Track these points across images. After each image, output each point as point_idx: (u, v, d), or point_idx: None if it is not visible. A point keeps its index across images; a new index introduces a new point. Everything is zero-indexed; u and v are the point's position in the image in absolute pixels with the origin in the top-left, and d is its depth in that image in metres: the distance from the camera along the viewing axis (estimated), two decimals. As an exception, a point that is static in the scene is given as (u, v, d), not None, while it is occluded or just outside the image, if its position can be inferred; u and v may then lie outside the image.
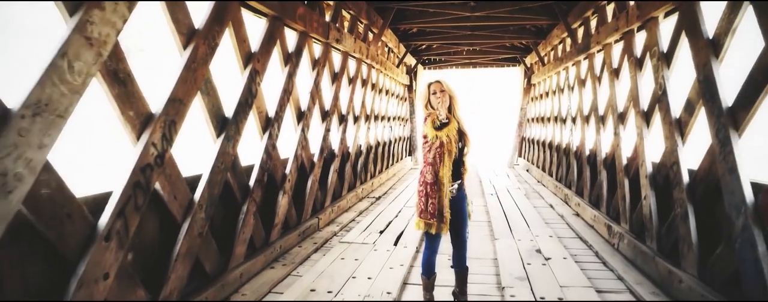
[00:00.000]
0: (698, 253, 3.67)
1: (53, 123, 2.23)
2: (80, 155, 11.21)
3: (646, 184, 4.79)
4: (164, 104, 3.04)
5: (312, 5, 5.62)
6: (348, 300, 3.68)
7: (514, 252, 5.02)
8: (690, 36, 3.96)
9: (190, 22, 3.36)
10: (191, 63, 3.29)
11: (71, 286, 2.44)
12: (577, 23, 8.15)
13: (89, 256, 2.51)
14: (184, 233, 3.36)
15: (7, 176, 2.02)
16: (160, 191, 3.14)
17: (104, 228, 2.60)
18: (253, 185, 4.41)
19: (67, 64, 2.29)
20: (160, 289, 3.15)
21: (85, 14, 2.38)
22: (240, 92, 4.09)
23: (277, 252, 4.84)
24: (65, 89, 2.28)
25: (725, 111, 3.39)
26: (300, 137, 5.61)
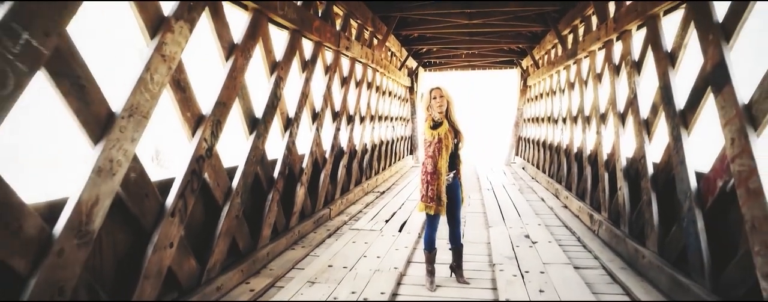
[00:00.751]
0: (659, 233, 4.33)
1: (140, 122, 2.89)
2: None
3: (621, 177, 5.45)
4: (213, 106, 3.70)
5: (324, 17, 6.28)
6: (361, 272, 4.33)
7: (505, 237, 5.68)
8: (653, 48, 4.62)
9: (230, 37, 4.02)
10: (232, 72, 3.95)
11: (148, 250, 3.10)
12: (566, 30, 8.81)
13: (160, 228, 3.17)
14: (224, 215, 4.02)
15: (113, 162, 2.68)
16: (207, 178, 3.79)
17: (170, 206, 3.26)
18: (276, 176, 5.07)
19: (150, 76, 2.95)
20: (207, 261, 3.80)
21: (162, 37, 3.04)
22: (267, 96, 4.75)
23: (296, 236, 5.50)
24: (148, 95, 2.94)
25: (678, 113, 4.05)
26: (314, 135, 6.27)
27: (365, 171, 9.49)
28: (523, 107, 15.91)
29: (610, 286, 4.13)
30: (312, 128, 6.26)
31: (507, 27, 10.31)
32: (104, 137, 2.65)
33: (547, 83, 11.47)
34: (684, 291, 3.50)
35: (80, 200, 2.49)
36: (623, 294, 3.95)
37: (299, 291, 3.90)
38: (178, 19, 3.20)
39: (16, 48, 2.06)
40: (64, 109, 2.47)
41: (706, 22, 3.59)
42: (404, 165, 14.60)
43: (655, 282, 3.99)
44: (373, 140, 10.18)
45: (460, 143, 3.98)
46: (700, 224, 3.56)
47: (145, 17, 2.99)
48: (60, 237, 2.38)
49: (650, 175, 4.63)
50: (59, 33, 2.29)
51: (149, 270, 3.07)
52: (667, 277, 3.81)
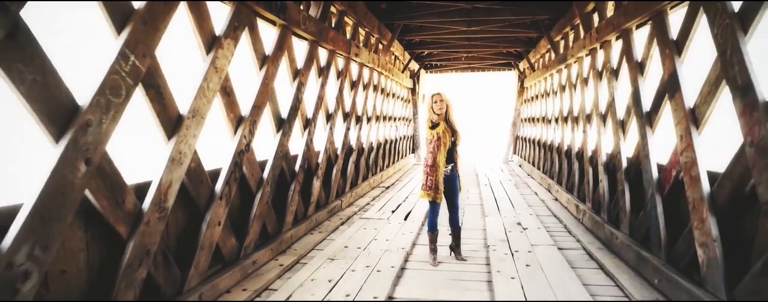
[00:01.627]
0: (630, 218, 5.02)
1: (200, 122, 3.58)
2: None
3: (602, 171, 6.14)
4: (250, 109, 4.40)
5: (337, 27, 6.97)
6: (373, 251, 5.02)
7: (499, 225, 6.37)
8: (627, 58, 5.31)
9: (263, 50, 4.72)
10: (265, 79, 4.65)
11: (203, 227, 3.79)
12: (558, 37, 9.49)
13: (212, 209, 3.86)
14: (257, 201, 4.71)
15: (181, 154, 3.38)
16: (244, 170, 4.48)
17: (219, 191, 3.96)
18: (297, 170, 5.76)
19: (207, 85, 3.65)
20: (244, 239, 4.49)
21: (215, 52, 3.74)
22: (291, 100, 5.44)
23: (313, 223, 6.20)
24: (205, 100, 3.64)
25: (644, 114, 4.74)
26: (328, 134, 6.96)
27: (371, 168, 10.18)
28: (520, 107, 16.59)
29: (587, 262, 4.82)
30: (326, 128, 6.95)
31: (504, 33, 11.00)
32: (175, 134, 3.35)
33: (541, 85, 12.15)
34: (645, 263, 4.19)
35: (160, 183, 3.19)
36: (598, 268, 4.63)
37: (321, 265, 4.59)
38: (226, 37, 3.90)
39: (127, 67, 2.76)
40: (149, 112, 3.16)
41: (664, 39, 4.28)
42: (406, 163, 15.29)
43: (624, 259, 4.69)
44: (378, 139, 10.87)
45: (457, 141, 4.67)
46: (659, 208, 4.25)
47: (202, 37, 3.68)
48: (148, 211, 3.08)
49: (624, 168, 5.32)
50: (151, 55, 2.99)
51: (204, 243, 3.76)
52: (634, 253, 4.50)
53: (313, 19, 5.74)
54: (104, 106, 2.63)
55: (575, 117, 8.14)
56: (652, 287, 3.94)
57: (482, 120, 34.45)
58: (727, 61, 3.20)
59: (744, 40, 3.09)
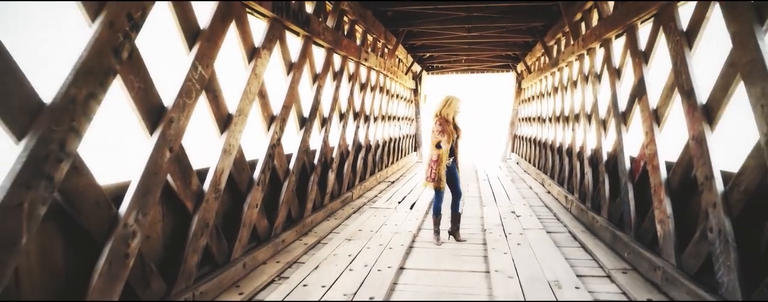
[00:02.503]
0: (609, 204, 5.74)
1: (244, 120, 4.31)
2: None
3: (587, 164, 6.87)
4: (280, 109, 5.13)
5: (349, 35, 7.70)
6: (384, 234, 5.75)
7: (495, 213, 7.10)
8: (607, 64, 6.04)
9: (290, 58, 5.44)
10: (292, 84, 5.38)
11: (244, 208, 4.51)
12: (551, 42, 10.22)
13: (251, 193, 4.59)
14: (284, 189, 5.44)
15: (230, 146, 4.10)
16: (274, 161, 5.21)
17: (256, 178, 4.68)
18: (316, 163, 6.50)
19: (249, 89, 4.38)
20: (274, 221, 5.21)
21: (255, 62, 4.46)
22: (311, 101, 6.17)
23: (328, 211, 6.93)
24: (247, 101, 4.36)
25: (620, 114, 5.47)
26: (341, 132, 7.69)
27: (377, 164, 10.91)
28: (518, 107, 17.32)
29: (571, 242, 5.55)
30: (339, 126, 7.68)
31: (502, 38, 11.73)
32: (226, 130, 4.08)
33: (537, 87, 12.87)
34: (618, 241, 4.92)
35: (216, 169, 3.92)
36: (579, 247, 5.36)
37: (340, 244, 5.32)
38: (263, 48, 4.62)
39: (196, 76, 3.49)
40: (208, 111, 3.89)
41: (635, 49, 5.01)
42: (409, 161, 16.02)
43: (602, 238, 5.41)
44: (384, 137, 11.61)
45: (459, 138, 5.40)
46: (630, 194, 4.98)
47: (245, 49, 4.41)
48: (207, 191, 3.80)
49: (604, 161, 6.05)
50: (211, 66, 3.72)
51: (245, 221, 4.49)
52: (610, 233, 5.23)
53: (330, 29, 6.47)
54: (181, 106, 3.36)
55: (566, 117, 8.87)
56: (622, 259, 4.67)
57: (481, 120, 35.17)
58: (677, 71, 3.93)
59: (690, 54, 3.82)
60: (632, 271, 4.32)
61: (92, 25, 2.60)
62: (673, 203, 4.04)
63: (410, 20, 10.12)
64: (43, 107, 2.31)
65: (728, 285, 3.06)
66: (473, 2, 8.75)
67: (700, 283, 3.41)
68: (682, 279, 3.54)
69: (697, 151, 3.58)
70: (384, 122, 11.48)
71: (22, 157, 2.20)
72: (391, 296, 3.85)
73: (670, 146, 4.46)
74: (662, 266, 3.87)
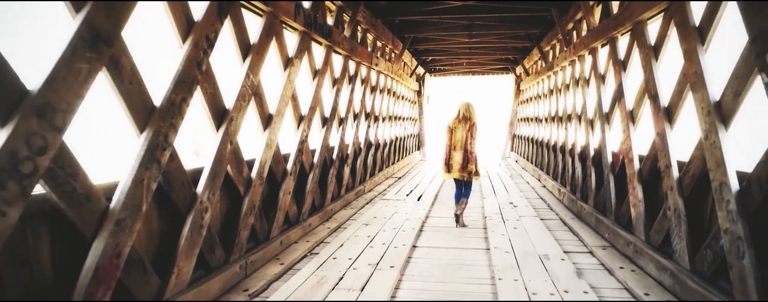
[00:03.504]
0: (594, 194, 6.51)
1: (281, 119, 5.08)
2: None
3: (577, 160, 7.63)
4: (307, 110, 5.90)
5: (362, 43, 8.47)
6: (397, 220, 6.52)
7: (495, 203, 7.87)
8: (594, 70, 6.81)
9: (315, 65, 6.21)
10: (317, 88, 6.15)
11: (280, 194, 5.28)
12: (547, 47, 10.99)
13: (285, 182, 5.36)
14: (310, 179, 6.21)
15: (271, 141, 4.87)
16: (302, 156, 5.98)
17: (289, 169, 5.46)
18: (334, 158, 7.27)
19: (284, 93, 5.15)
20: (301, 208, 5.98)
21: (290, 70, 5.24)
22: (331, 103, 6.94)
23: (345, 201, 7.70)
24: (283, 104, 5.13)
25: (604, 115, 6.23)
26: (354, 131, 8.47)
27: (385, 161, 11.69)
28: (517, 108, 18.09)
29: (561, 227, 6.31)
30: (353, 126, 8.45)
31: (501, 43, 12.51)
32: (268, 127, 4.85)
33: (535, 89, 13.64)
34: (600, 224, 5.69)
35: (261, 160, 4.69)
36: (568, 230, 6.12)
37: (359, 228, 6.09)
38: (296, 57, 5.40)
39: (248, 82, 4.26)
40: (253, 112, 4.65)
41: (615, 58, 5.78)
42: (413, 159, 16.79)
43: (588, 223, 6.18)
44: (392, 136, 12.38)
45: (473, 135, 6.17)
46: (611, 183, 5.74)
47: (282, 58, 5.18)
48: (254, 178, 4.57)
49: (591, 157, 6.82)
50: (258, 74, 4.49)
51: (281, 206, 5.26)
52: (594, 218, 6.00)
53: (347, 38, 7.25)
54: (238, 107, 4.13)
55: (560, 117, 9.64)
56: (603, 239, 5.44)
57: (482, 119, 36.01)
58: (646, 78, 4.70)
59: (656, 64, 4.59)
60: (610, 248, 5.09)
61: (183, 46, 3.37)
62: (644, 190, 4.81)
63: (416, 27, 10.89)
64: (154, 109, 3.08)
65: (679, 251, 3.83)
66: (475, 13, 9.51)
67: (662, 253, 4.18)
68: (648, 250, 4.31)
69: (660, 145, 4.35)
70: (391, 122, 12.25)
71: (143, 146, 2.97)
72: (407, 265, 4.62)
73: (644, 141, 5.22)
74: (634, 241, 4.64)
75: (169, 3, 3.25)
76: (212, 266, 3.91)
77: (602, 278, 4.22)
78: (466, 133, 6.12)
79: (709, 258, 3.45)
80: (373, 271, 4.30)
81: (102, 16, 2.54)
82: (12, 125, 2.11)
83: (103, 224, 2.69)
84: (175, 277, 3.35)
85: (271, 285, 4.12)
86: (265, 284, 4.08)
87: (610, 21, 5.79)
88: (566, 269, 4.36)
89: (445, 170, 6.21)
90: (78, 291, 2.53)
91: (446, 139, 6.17)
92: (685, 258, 3.73)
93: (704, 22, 3.69)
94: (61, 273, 2.63)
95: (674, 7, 4.10)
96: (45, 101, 2.24)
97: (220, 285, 3.84)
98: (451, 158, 6.14)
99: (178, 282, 3.39)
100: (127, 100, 2.87)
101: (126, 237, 2.82)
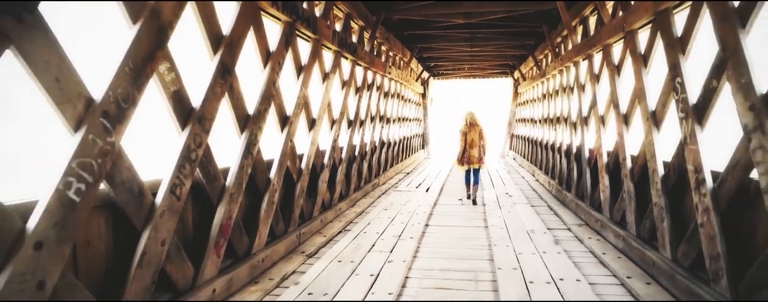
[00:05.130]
0: (576, 184, 7.78)
1: (320, 123, 6.35)
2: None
3: (563, 156, 8.91)
4: (337, 115, 7.18)
5: (378, 54, 9.75)
6: (410, 206, 7.79)
7: (493, 194, 9.15)
8: (576, 81, 8.07)
9: (344, 76, 7.48)
10: (346, 96, 7.42)
11: (318, 183, 6.55)
12: (541, 56, 12.25)
13: (322, 173, 6.63)
14: (339, 172, 7.49)
15: (315, 139, 6.15)
16: (334, 152, 7.24)
17: (325, 163, 6.73)
18: (356, 155, 8.55)
19: (324, 101, 6.41)
20: (333, 195, 7.25)
21: (327, 83, 6.51)
22: (355, 108, 8.21)
23: (364, 192, 8.99)
24: (322, 110, 6.40)
25: (582, 118, 7.50)
26: (371, 131, 9.75)
27: (395, 158, 12.97)
28: (515, 109, 19.36)
29: (548, 211, 7.58)
30: (370, 127, 9.73)
31: (499, 51, 13.79)
32: (312, 129, 6.12)
33: (530, 93, 14.90)
34: (579, 208, 6.96)
35: (308, 155, 5.97)
36: (553, 214, 7.39)
37: (380, 212, 7.35)
38: (331, 72, 6.66)
39: (302, 95, 5.53)
40: (303, 116, 5.91)
41: (592, 72, 7.05)
42: (418, 157, 18.06)
43: (569, 208, 7.46)
44: (400, 136, 13.66)
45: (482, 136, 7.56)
46: (587, 175, 7.02)
47: (321, 73, 6.45)
48: (303, 169, 5.84)
49: (573, 154, 8.09)
50: (309, 87, 5.77)
51: (319, 192, 6.52)
52: (575, 204, 7.27)
53: (367, 52, 8.53)
54: (295, 114, 5.40)
55: (550, 119, 10.90)
56: (580, 219, 6.72)
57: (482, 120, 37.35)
58: (611, 91, 5.96)
59: (618, 79, 5.85)
60: (585, 225, 6.37)
61: (264, 70, 4.65)
62: (610, 179, 6.08)
63: (424, 39, 12.18)
64: (249, 116, 4.35)
65: (630, 222, 5.10)
66: (476, 28, 10.78)
67: (619, 225, 5.45)
68: (610, 224, 5.57)
69: (620, 143, 5.62)
70: (400, 124, 13.53)
71: (243, 142, 4.24)
72: (423, 237, 5.89)
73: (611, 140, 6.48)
74: (601, 219, 5.91)
75: (258, 39, 4.51)
76: (277, 234, 5.18)
77: (574, 245, 5.50)
78: (477, 135, 7.55)
79: (647, 226, 4.72)
80: (397, 240, 5.57)
81: (228, 55, 3.82)
82: (187, 129, 3.39)
83: (223, 196, 3.96)
84: (258, 238, 4.63)
85: (320, 249, 5.40)
86: (315, 249, 5.35)
87: (587, 41, 7.07)
88: (547, 239, 5.64)
89: (458, 163, 7.61)
90: (211, 240, 3.80)
91: (461, 141, 7.78)
92: (633, 227, 5.00)
93: (647, 50, 4.95)
94: (200, 228, 3.89)
95: (628, 36, 5.36)
96: (201, 113, 3.52)
97: (284, 247, 5.11)
98: (467, 153, 7.58)
99: (259, 242, 4.67)
100: (235, 111, 4.15)
101: (234, 206, 4.10)
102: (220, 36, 3.82)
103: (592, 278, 4.26)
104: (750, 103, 2.95)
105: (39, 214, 2.24)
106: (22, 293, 2.15)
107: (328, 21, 6.53)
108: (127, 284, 2.88)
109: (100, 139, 2.56)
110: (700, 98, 3.72)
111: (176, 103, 3.33)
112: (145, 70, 2.90)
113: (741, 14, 3.15)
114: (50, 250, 2.29)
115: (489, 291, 4.01)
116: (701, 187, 3.57)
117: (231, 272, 3.99)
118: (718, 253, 3.27)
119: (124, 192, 2.83)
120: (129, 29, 2.85)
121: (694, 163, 3.72)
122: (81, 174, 2.46)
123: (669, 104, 4.40)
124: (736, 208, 3.32)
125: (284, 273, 4.48)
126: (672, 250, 4.07)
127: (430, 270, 4.58)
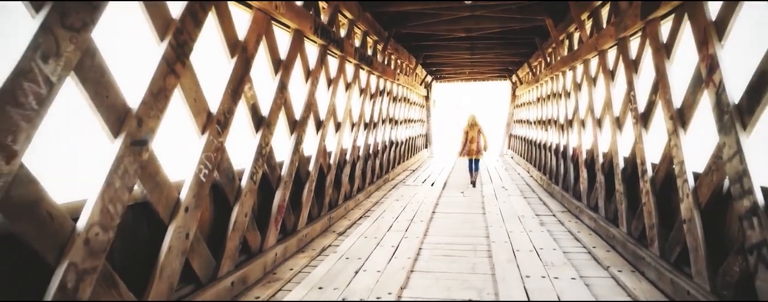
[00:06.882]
0: (563, 179, 8.95)
1: (344, 126, 7.53)
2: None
3: (553, 154, 10.08)
4: (357, 118, 8.35)
5: (389, 64, 10.93)
6: (418, 197, 8.97)
7: (491, 188, 10.32)
8: (563, 88, 9.24)
9: (361, 85, 8.66)
10: (363, 102, 8.60)
11: (342, 176, 7.73)
12: (536, 63, 13.42)
13: (345, 168, 7.81)
14: (357, 168, 8.67)
15: (339, 140, 7.33)
16: (355, 151, 8.41)
17: (348, 160, 7.90)
18: (371, 153, 9.73)
19: (347, 109, 7.59)
20: (352, 187, 8.42)
21: (349, 92, 7.69)
22: (370, 113, 9.39)
23: (377, 186, 10.17)
24: (346, 116, 7.57)
25: (568, 121, 8.68)
26: (382, 133, 10.93)
27: (402, 156, 14.16)
28: (513, 111, 20.52)
29: (537, 201, 8.76)
30: (382, 129, 10.91)
31: (498, 58, 14.97)
32: (337, 131, 7.29)
33: (526, 96, 16.06)
34: (564, 198, 8.13)
35: (335, 153, 7.14)
36: (542, 204, 8.56)
37: (392, 203, 8.53)
38: (352, 82, 7.83)
39: (331, 103, 6.71)
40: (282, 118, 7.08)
41: (575, 81, 8.21)
42: (422, 156, 19.23)
43: (557, 199, 8.64)
44: (406, 136, 14.85)
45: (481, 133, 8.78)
46: (571, 170, 8.19)
47: (344, 84, 7.62)
48: (332, 164, 7.02)
49: (561, 152, 9.27)
50: (336, 96, 6.95)
51: (343, 184, 7.70)
52: (560, 195, 8.44)
53: (380, 63, 9.71)
54: (328, 119, 6.57)
55: (543, 121, 12.07)
56: (564, 206, 7.90)
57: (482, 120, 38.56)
58: (588, 99, 7.13)
59: (594, 89, 7.02)
60: (567, 212, 7.54)
61: (306, 84, 5.82)
62: (588, 172, 7.25)
63: (429, 48, 13.36)
64: (296, 121, 5.53)
65: (601, 207, 6.28)
66: (476, 40, 11.95)
67: (593, 210, 6.62)
68: (587, 210, 6.74)
69: (594, 143, 6.79)
70: (406, 125, 14.72)
71: (292, 143, 5.42)
72: (431, 221, 7.06)
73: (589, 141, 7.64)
74: (580, 206, 7.09)
75: (302, 61, 5.68)
76: (313, 216, 6.36)
77: (556, 226, 6.67)
78: (477, 133, 8.86)
79: (612, 209, 5.89)
80: (410, 223, 6.75)
81: (285, 75, 5.00)
82: (260, 132, 4.57)
83: (279, 183, 5.14)
84: (301, 218, 5.81)
85: (347, 229, 6.58)
86: (344, 229, 6.54)
87: (571, 55, 8.24)
88: (534, 221, 6.81)
89: (461, 154, 8.97)
90: (272, 216, 4.97)
91: (463, 136, 9.40)
92: (603, 210, 6.18)
93: (614, 67, 6.12)
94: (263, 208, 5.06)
95: (600, 55, 6.53)
96: (269, 120, 4.69)
97: (320, 227, 6.30)
98: (469, 146, 8.95)
99: (302, 221, 5.84)
100: (288, 118, 5.34)
101: (287, 191, 5.28)
102: (279, 60, 5.00)
103: (566, 248, 5.44)
104: (670, 113, 4.12)
105: (186, 189, 3.42)
106: (178, 240, 3.33)
107: (351, 40, 7.70)
108: (226, 243, 4.05)
109: (216, 139, 3.74)
110: (645, 108, 4.90)
111: (253, 113, 4.51)
112: (238, 90, 4.08)
113: (668, 47, 4.32)
114: (192, 212, 3.47)
115: (485, 257, 5.18)
116: (644, 176, 4.75)
117: (285, 242, 5.17)
118: (653, 223, 4.44)
119: (224, 177, 4.01)
120: (228, 63, 4.03)
121: (640, 158, 4.89)
122: (206, 163, 3.64)
123: (627, 112, 5.58)
124: (665, 190, 4.49)
125: (323, 246, 5.66)
126: (628, 225, 5.24)
127: (439, 243, 5.76)
